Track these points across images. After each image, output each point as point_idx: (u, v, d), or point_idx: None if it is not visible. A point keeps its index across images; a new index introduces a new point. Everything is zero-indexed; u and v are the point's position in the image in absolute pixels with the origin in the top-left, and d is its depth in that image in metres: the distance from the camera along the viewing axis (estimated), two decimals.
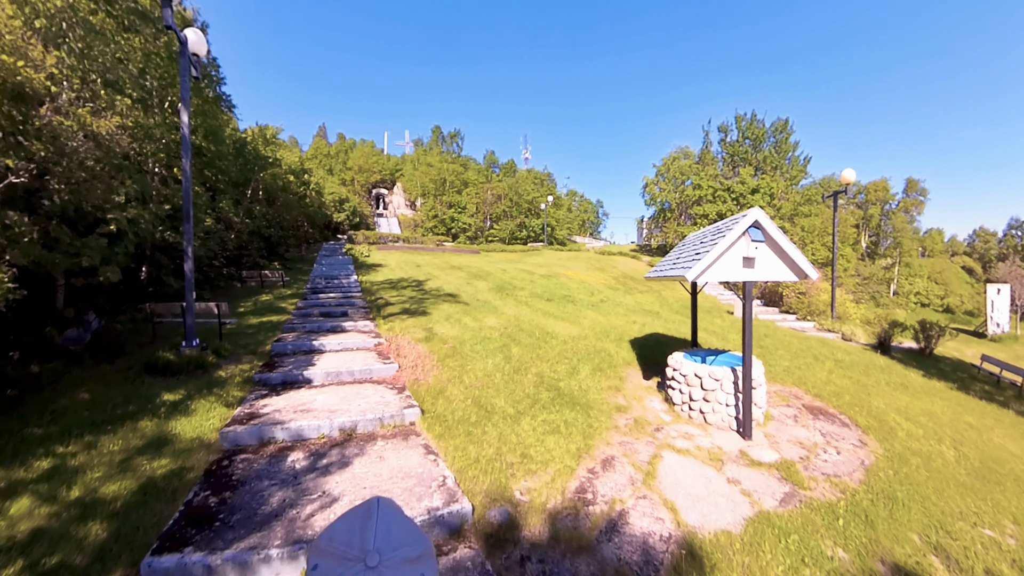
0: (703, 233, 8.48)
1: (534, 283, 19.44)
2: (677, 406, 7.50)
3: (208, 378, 7.10)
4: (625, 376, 8.79)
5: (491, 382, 7.47)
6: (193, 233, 14.43)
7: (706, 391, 7.17)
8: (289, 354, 8.33)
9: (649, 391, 8.27)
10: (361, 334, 9.77)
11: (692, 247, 8.03)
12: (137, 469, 4.58)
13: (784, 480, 5.36)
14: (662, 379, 8.83)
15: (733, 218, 7.24)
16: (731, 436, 6.64)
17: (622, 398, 7.71)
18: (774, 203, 35.98)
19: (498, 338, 10.06)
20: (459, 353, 8.75)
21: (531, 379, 7.84)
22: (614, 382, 8.32)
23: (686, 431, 6.73)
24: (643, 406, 7.50)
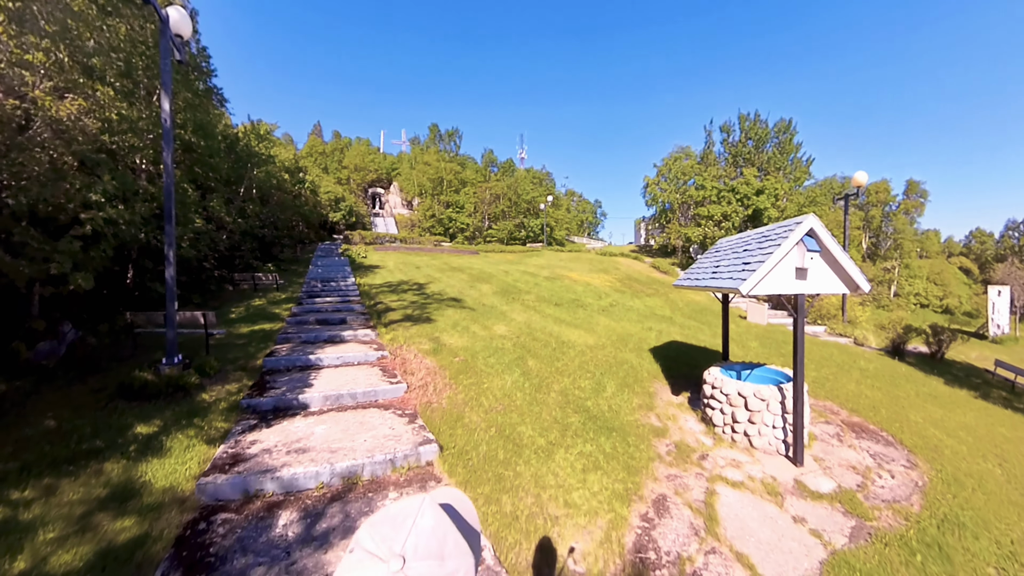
0: (741, 240, 7.73)
1: (539, 286, 18.65)
2: (718, 427, 6.77)
3: (189, 403, 6.24)
4: (653, 392, 8.03)
5: (512, 404, 6.65)
6: (182, 234, 13.67)
7: (751, 412, 6.48)
8: (282, 371, 7.47)
9: (681, 409, 7.54)
10: (362, 345, 8.93)
11: (733, 254, 7.25)
12: (98, 529, 3.74)
13: (849, 513, 4.90)
14: (692, 394, 8.15)
15: (783, 224, 6.51)
16: (780, 462, 6.04)
17: (655, 418, 6.95)
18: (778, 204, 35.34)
19: (512, 349, 9.25)
20: (472, 368, 7.93)
21: (555, 398, 7.04)
22: (643, 399, 7.55)
23: (733, 458, 6.07)
24: (680, 428, 6.76)
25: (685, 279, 8.25)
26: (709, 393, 6.99)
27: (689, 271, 8.56)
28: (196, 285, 15.59)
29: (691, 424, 7.00)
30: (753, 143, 39.29)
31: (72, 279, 8.33)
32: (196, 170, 16.28)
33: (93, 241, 9.45)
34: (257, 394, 6.26)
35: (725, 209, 32.58)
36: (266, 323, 11.25)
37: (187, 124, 15.33)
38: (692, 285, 7.58)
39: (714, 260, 7.94)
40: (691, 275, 8.29)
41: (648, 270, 30.45)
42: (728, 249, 7.83)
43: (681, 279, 8.42)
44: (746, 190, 33.65)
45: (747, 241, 7.33)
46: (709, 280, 7.04)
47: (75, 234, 8.81)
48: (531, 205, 45.81)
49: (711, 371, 7.20)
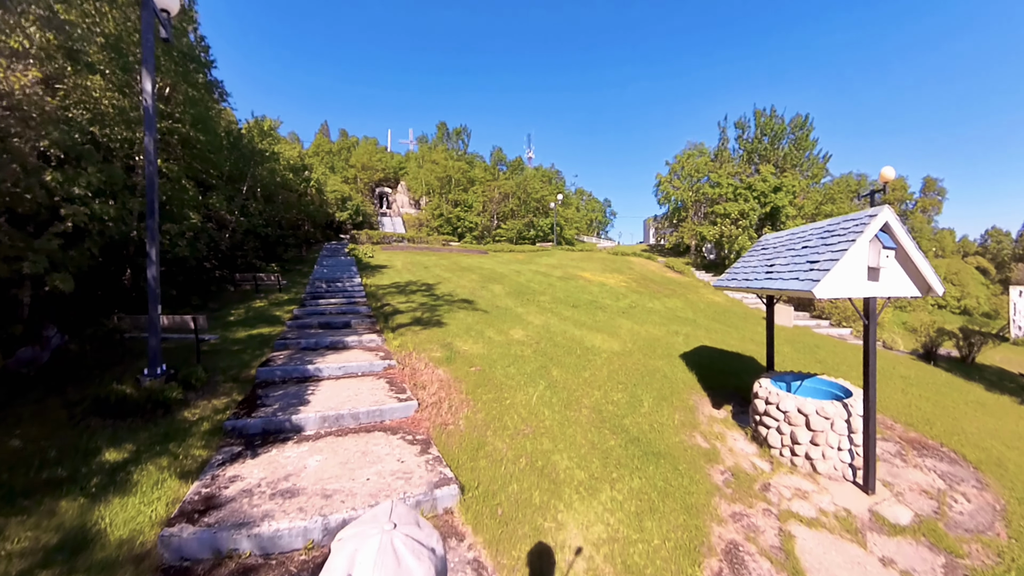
0: (796, 237, 6.89)
1: (553, 287, 17.79)
2: (774, 449, 5.98)
3: (168, 423, 5.44)
4: (693, 405, 7.20)
5: (541, 424, 5.79)
6: (178, 232, 12.93)
7: (814, 432, 5.72)
8: (277, 383, 6.64)
9: (726, 425, 6.75)
10: (367, 352, 8.11)
11: (791, 253, 6.39)
12: None
13: (936, 548, 4.40)
14: (734, 407, 7.40)
15: (850, 219, 5.69)
16: (849, 489, 5.34)
17: (701, 438, 6.14)
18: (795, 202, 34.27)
19: (532, 356, 8.41)
20: (490, 379, 7.07)
21: (588, 416, 6.19)
22: (684, 415, 6.72)
23: (797, 486, 5.30)
24: (730, 450, 5.96)
25: (729, 280, 7.39)
26: (762, 409, 6.18)
27: (733, 271, 7.71)
28: (195, 286, 14.85)
29: (741, 444, 6.20)
30: (769, 139, 38.24)
31: (49, 280, 7.56)
32: (195, 166, 15.55)
33: (75, 239, 8.69)
34: (245, 413, 5.42)
35: (742, 207, 31.55)
36: (265, 327, 10.47)
37: (185, 116, 14.60)
38: (741, 286, 6.73)
39: (763, 259, 7.08)
40: (735, 275, 7.43)
41: (662, 270, 29.56)
42: (780, 247, 6.97)
43: (724, 280, 7.58)
44: (763, 187, 32.59)
45: (804, 237, 6.48)
46: (764, 281, 6.19)
47: (55, 231, 8.06)
48: (540, 204, 44.93)
49: (762, 384, 6.35)
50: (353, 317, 11.15)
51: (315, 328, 10.23)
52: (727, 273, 7.82)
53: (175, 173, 13.77)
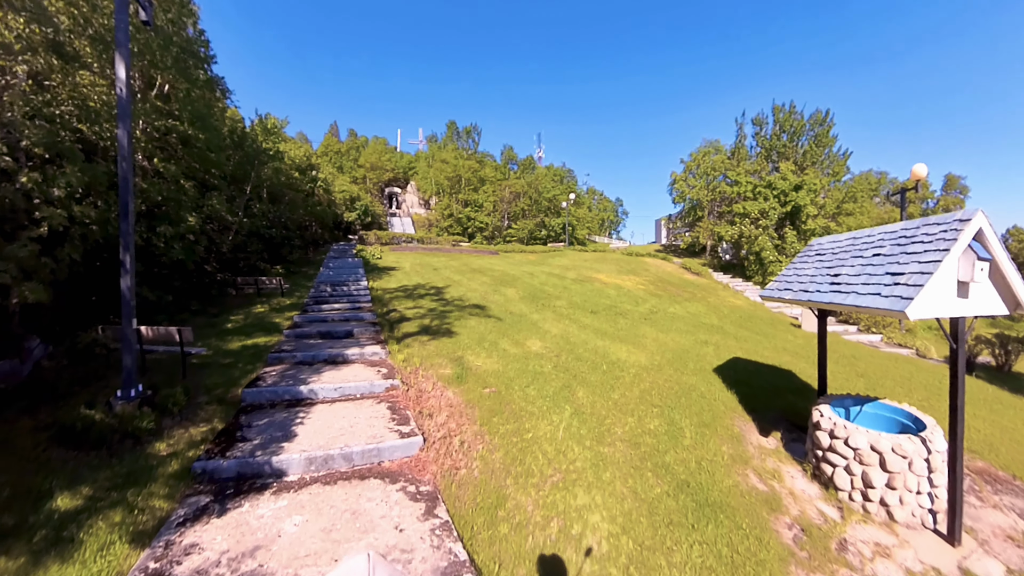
0: (863, 243, 6.05)
1: (569, 290, 16.92)
2: (843, 492, 5.14)
3: (135, 459, 4.68)
4: (739, 433, 6.34)
5: (571, 467, 4.94)
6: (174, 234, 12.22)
7: (890, 474, 4.87)
8: (264, 407, 5.85)
9: (779, 458, 5.89)
10: (368, 368, 7.31)
11: (861, 261, 5.54)
12: None
13: None
14: (783, 433, 6.58)
15: (933, 222, 4.94)
16: (931, 540, 4.61)
17: (755, 476, 5.29)
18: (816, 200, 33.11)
19: (552, 372, 7.56)
20: (508, 404, 6.23)
21: (624, 452, 5.33)
22: (732, 446, 5.86)
23: (876, 540, 4.49)
24: (791, 493, 5.12)
25: (780, 290, 6.53)
26: (826, 444, 5.33)
27: (785, 280, 6.84)
28: (194, 290, 14.17)
29: (800, 484, 5.37)
30: (788, 136, 37.10)
31: (19, 291, 6.84)
32: (194, 165, 14.87)
33: (54, 244, 7.98)
34: (220, 451, 4.63)
35: (762, 206, 30.47)
36: (262, 336, 9.73)
37: (183, 113, 13.92)
38: (799, 298, 5.87)
39: (823, 267, 6.21)
40: (788, 285, 6.57)
41: (679, 271, 28.63)
42: (842, 253, 6.11)
43: (773, 290, 6.72)
44: (783, 185, 31.49)
45: (873, 243, 5.62)
46: (830, 294, 5.33)
47: (30, 235, 7.35)
48: (552, 203, 44.03)
49: (824, 413, 5.49)
50: (356, 325, 10.38)
51: (314, 338, 9.46)
52: (777, 282, 6.95)
53: (172, 173, 13.09)
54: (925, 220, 5.01)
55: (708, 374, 8.76)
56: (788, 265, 7.29)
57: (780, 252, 28.74)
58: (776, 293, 6.66)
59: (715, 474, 5.23)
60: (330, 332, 9.71)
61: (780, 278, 7.09)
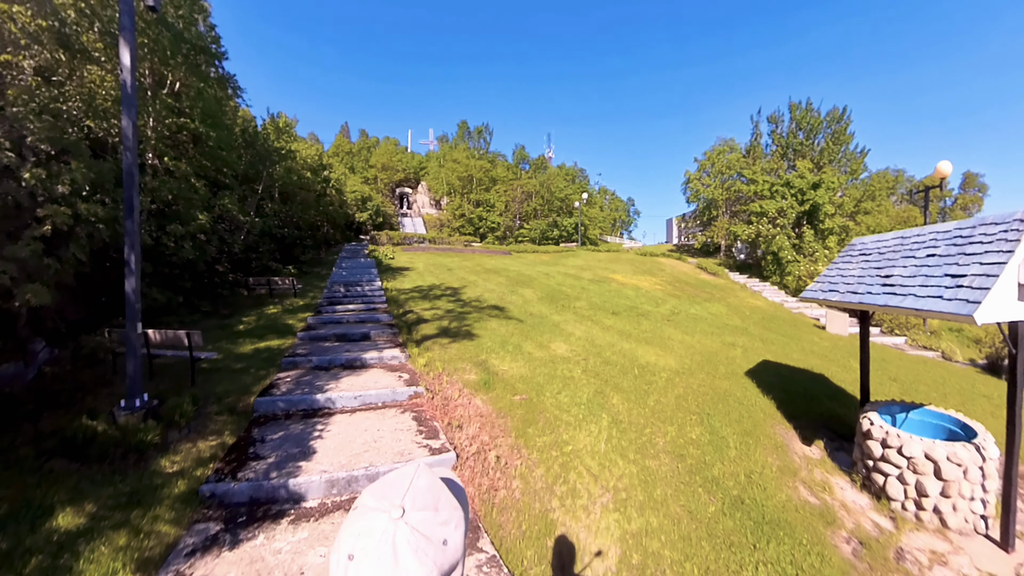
0: (912, 242, 5.70)
1: (587, 290, 16.45)
2: (895, 501, 4.88)
3: (139, 477, 4.31)
4: (782, 442, 5.90)
5: (619, 484, 4.48)
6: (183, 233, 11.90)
7: (945, 482, 4.62)
8: (279, 418, 5.43)
9: (825, 468, 5.60)
10: (389, 374, 6.90)
11: (915, 261, 5.17)
12: None
13: None
14: (827, 440, 6.30)
15: (989, 221, 4.63)
16: (984, 547, 4.47)
17: (805, 489, 4.90)
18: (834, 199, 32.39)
19: (583, 378, 7.10)
20: (541, 412, 5.77)
21: (670, 466, 4.88)
22: (778, 458, 5.43)
23: (931, 547, 4.35)
24: (843, 504, 4.82)
25: (824, 291, 6.09)
26: (878, 453, 4.98)
27: (828, 281, 6.41)
28: (205, 291, 13.86)
29: (850, 495, 5.06)
30: (804, 134, 36.40)
31: (19, 293, 6.49)
32: (205, 163, 14.56)
33: (58, 243, 7.64)
34: (230, 470, 4.19)
35: (780, 204, 29.81)
36: (275, 338, 9.36)
37: (193, 109, 13.62)
38: (846, 300, 5.46)
39: (870, 267, 5.83)
40: (832, 286, 6.13)
41: (695, 271, 28.08)
42: (890, 252, 5.75)
43: (816, 292, 6.29)
44: (801, 184, 30.83)
45: (924, 243, 5.29)
46: (884, 296, 4.97)
47: (32, 234, 7.01)
48: (564, 203, 43.50)
49: (874, 422, 5.15)
50: (373, 327, 9.98)
51: (330, 340, 9.07)
52: (820, 283, 6.49)
53: (183, 171, 12.79)
54: (981, 219, 4.73)
55: (740, 378, 8.31)
56: (829, 265, 6.87)
57: (798, 252, 28.04)
58: (820, 295, 6.22)
59: (767, 488, 4.82)
60: (346, 334, 9.31)
61: (823, 279, 6.64)
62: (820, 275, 6.83)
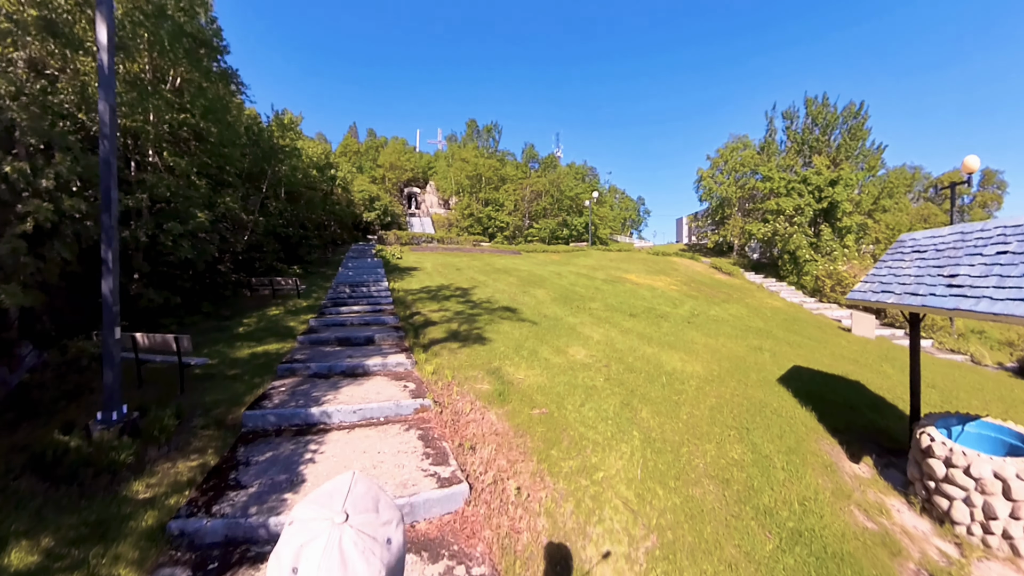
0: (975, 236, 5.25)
1: (601, 291, 15.82)
2: (959, 525, 4.27)
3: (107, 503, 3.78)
4: (830, 460, 5.32)
5: (663, 521, 3.86)
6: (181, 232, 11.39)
7: (1015, 502, 4.06)
8: (269, 434, 4.85)
9: (878, 488, 5.03)
10: (393, 383, 6.32)
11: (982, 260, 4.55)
12: None
13: None
14: (876, 457, 5.74)
15: None
16: None
17: (861, 514, 4.43)
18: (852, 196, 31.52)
19: (606, 387, 6.49)
20: (564, 429, 5.15)
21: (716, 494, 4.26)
22: (829, 479, 4.86)
23: None
24: (903, 530, 4.29)
25: (883, 292, 5.47)
26: (941, 473, 4.44)
27: (878, 281, 5.82)
28: (206, 291, 13.38)
29: (909, 519, 4.53)
30: (820, 129, 35.57)
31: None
32: (206, 161, 14.08)
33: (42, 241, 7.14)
34: (205, 501, 3.60)
35: (797, 202, 29.01)
36: (274, 342, 8.83)
37: (194, 104, 13.13)
38: (905, 303, 4.91)
39: (930, 266, 5.28)
40: (888, 287, 5.53)
41: (709, 271, 27.38)
42: (951, 250, 5.22)
43: (865, 292, 5.69)
44: (818, 180, 30.02)
45: (992, 239, 4.80)
46: (951, 298, 4.48)
47: (13, 232, 6.51)
48: (574, 202, 42.81)
49: (935, 438, 4.65)
50: (378, 330, 9.43)
51: (331, 345, 8.51)
52: (868, 283, 5.87)
53: (182, 168, 12.32)
54: None
55: (773, 386, 7.69)
56: (877, 264, 6.24)
57: (815, 251, 27.23)
58: (872, 296, 5.59)
59: (823, 516, 4.23)
60: (348, 338, 8.75)
61: (872, 279, 6.01)
62: (868, 274, 6.20)
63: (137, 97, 11.02)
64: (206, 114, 13.50)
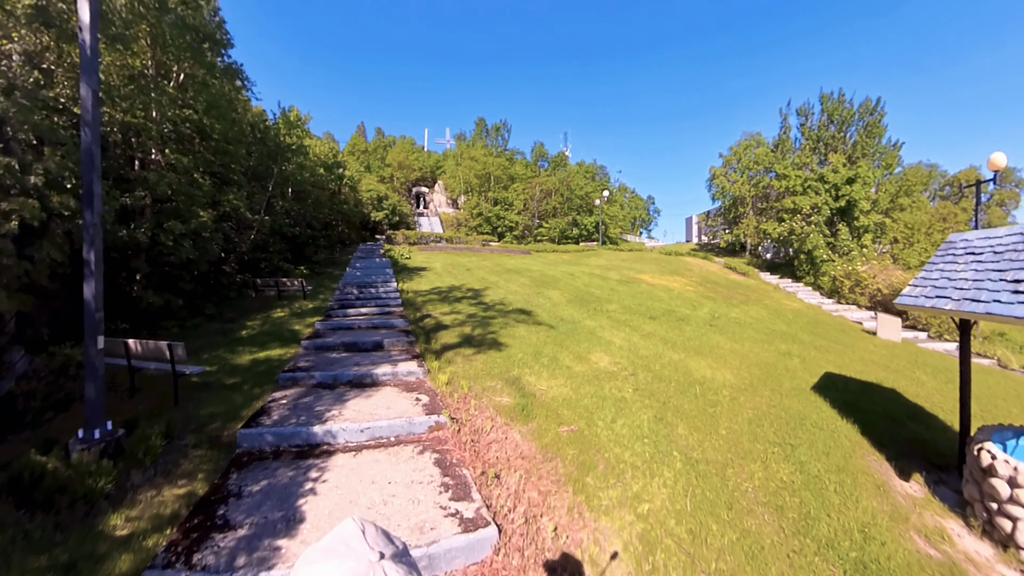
0: None
1: (616, 292, 15.27)
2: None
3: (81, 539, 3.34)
4: (881, 480, 4.90)
5: (722, 563, 3.33)
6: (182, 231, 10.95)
7: None
8: (266, 457, 4.36)
9: (933, 510, 4.57)
10: (404, 395, 5.81)
11: None
12: None
13: None
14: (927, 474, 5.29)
15: None
16: None
17: (921, 540, 4.10)
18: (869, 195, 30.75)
19: (636, 399, 5.96)
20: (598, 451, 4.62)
21: (772, 524, 3.76)
22: (884, 501, 4.52)
23: None
24: (968, 558, 3.87)
25: (938, 298, 5.01)
26: (1005, 493, 4.13)
27: (931, 286, 5.36)
28: (210, 293, 12.97)
29: (970, 543, 4.11)
30: (836, 126, 34.80)
31: None
32: (210, 158, 13.65)
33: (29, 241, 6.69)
34: (187, 547, 3.08)
35: (814, 201, 28.28)
36: (277, 347, 8.37)
37: (197, 99, 12.69)
38: (974, 312, 4.42)
39: (989, 270, 4.87)
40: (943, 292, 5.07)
41: (723, 271, 26.74)
42: (1011, 252, 4.66)
43: (918, 297, 5.20)
44: (835, 179, 29.29)
45: None
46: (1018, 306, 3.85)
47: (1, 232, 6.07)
48: (584, 201, 42.19)
49: (996, 455, 4.27)
50: (387, 334, 8.94)
51: (337, 351, 8.03)
52: (920, 287, 5.36)
53: (184, 165, 11.89)
54: None
55: (809, 395, 7.16)
56: (926, 266, 5.71)
57: (832, 250, 26.49)
58: (926, 302, 5.07)
59: (885, 544, 3.79)
60: (356, 343, 8.26)
61: (923, 281, 5.47)
62: (918, 277, 5.67)
63: (136, 91, 10.59)
64: (209, 110, 13.06)
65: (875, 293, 19.65)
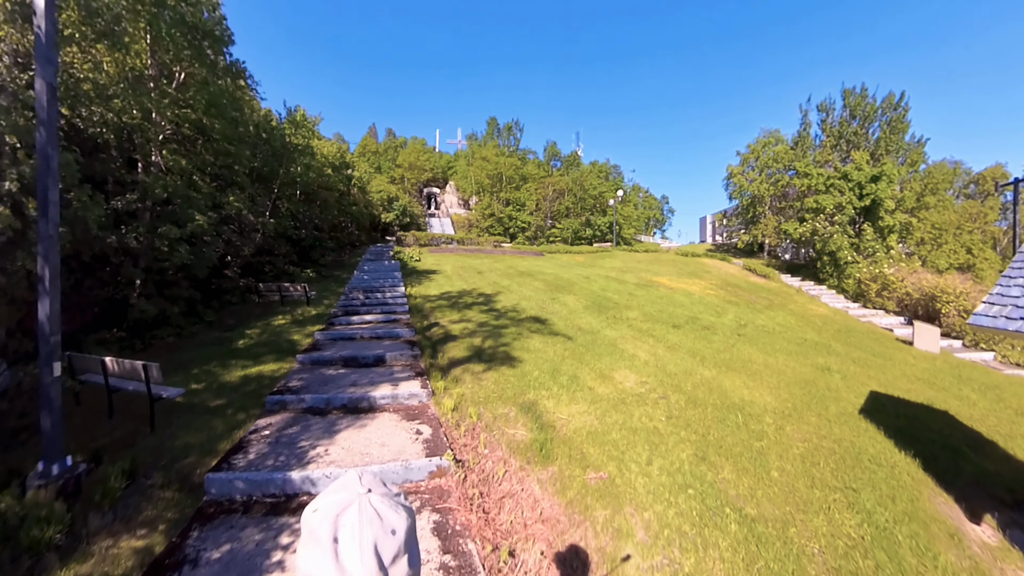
0: None
1: (635, 297, 14.52)
2: None
3: None
4: (953, 527, 4.32)
5: None
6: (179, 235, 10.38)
7: None
8: (235, 510, 3.66)
9: (1010, 560, 3.95)
10: (403, 425, 5.13)
11: None
12: None
13: None
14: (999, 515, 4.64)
15: None
16: None
17: None
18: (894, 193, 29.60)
19: (669, 429, 5.24)
20: (635, 506, 3.87)
21: None
22: (959, 553, 4.03)
23: None
24: None
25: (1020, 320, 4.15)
26: None
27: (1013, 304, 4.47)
28: (210, 299, 12.44)
29: None
30: (859, 122, 33.66)
31: None
32: (209, 159, 13.12)
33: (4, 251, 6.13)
34: None
35: (838, 199, 27.22)
36: (272, 360, 7.77)
37: (197, 98, 12.13)
38: None
39: None
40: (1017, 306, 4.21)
41: (743, 273, 25.81)
42: None
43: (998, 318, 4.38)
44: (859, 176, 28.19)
45: None
46: None
47: None
48: (598, 201, 41.35)
49: None
50: (390, 346, 8.29)
51: (335, 366, 7.38)
52: (998, 305, 4.66)
53: (182, 167, 11.36)
54: None
55: (858, 421, 6.40)
56: (1001, 279, 4.92)
57: (856, 251, 25.41)
58: (1010, 325, 4.31)
59: None
60: (355, 357, 7.61)
61: (1000, 299, 4.72)
62: (993, 294, 4.90)
63: (131, 91, 10.03)
64: (209, 109, 12.50)
65: (903, 297, 18.67)
